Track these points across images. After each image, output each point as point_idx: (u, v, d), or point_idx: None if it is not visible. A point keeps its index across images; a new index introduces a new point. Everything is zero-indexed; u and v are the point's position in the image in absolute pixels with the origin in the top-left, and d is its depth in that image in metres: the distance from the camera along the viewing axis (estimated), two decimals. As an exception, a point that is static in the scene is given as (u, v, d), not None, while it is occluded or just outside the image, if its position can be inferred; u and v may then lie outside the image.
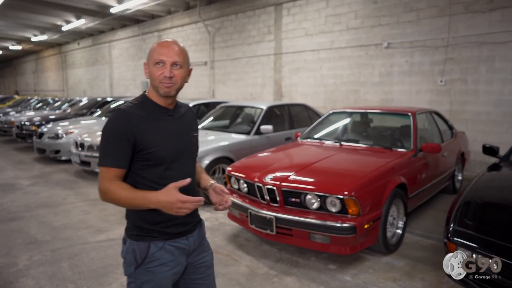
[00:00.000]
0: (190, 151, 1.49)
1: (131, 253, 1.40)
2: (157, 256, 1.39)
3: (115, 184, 1.31)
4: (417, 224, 3.97)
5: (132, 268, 1.40)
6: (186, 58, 1.41)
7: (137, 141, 1.33)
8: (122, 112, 1.35)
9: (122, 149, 1.32)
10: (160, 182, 1.36)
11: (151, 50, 1.39)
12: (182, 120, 1.49)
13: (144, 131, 1.34)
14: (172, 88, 1.38)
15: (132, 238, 1.41)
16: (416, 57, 6.81)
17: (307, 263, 3.10)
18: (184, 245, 1.46)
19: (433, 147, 3.74)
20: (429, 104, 6.65)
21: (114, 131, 1.33)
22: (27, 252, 3.35)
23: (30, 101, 15.15)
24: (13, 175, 6.51)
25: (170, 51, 1.36)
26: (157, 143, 1.36)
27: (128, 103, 1.40)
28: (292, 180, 3.08)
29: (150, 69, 1.38)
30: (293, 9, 8.78)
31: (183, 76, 1.40)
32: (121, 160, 1.33)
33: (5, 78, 31.12)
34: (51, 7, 12.01)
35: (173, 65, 1.36)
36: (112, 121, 1.35)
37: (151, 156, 1.35)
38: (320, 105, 8.29)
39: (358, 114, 4.72)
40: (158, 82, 1.36)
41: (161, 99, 1.42)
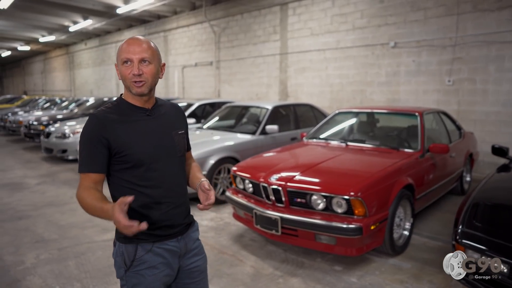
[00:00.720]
0: (172, 150, 1.43)
1: (120, 256, 1.39)
2: (145, 259, 1.36)
3: (87, 193, 1.28)
4: (425, 225, 3.93)
5: (122, 271, 1.39)
6: (155, 53, 1.36)
7: (111, 145, 1.31)
8: (94, 117, 1.33)
9: (97, 153, 1.30)
10: (141, 184, 1.35)
11: (118, 49, 1.35)
12: (162, 119, 1.44)
13: (117, 133, 1.31)
14: (144, 86, 1.33)
15: (120, 241, 1.39)
16: (423, 57, 6.74)
17: (312, 264, 3.08)
18: (175, 247, 1.43)
19: (441, 147, 3.70)
20: (436, 104, 6.58)
21: (87, 136, 1.32)
22: (34, 250, 3.38)
23: (38, 101, 15.29)
24: (21, 174, 6.58)
25: (136, 48, 1.31)
26: (132, 145, 1.32)
27: (102, 107, 1.38)
28: (298, 181, 3.06)
29: (120, 69, 1.34)
30: (299, 9, 8.75)
31: (154, 72, 1.35)
32: (97, 164, 1.31)
33: (14, 78, 31.47)
34: (59, 8, 12.11)
35: (141, 62, 1.32)
36: (85, 127, 1.34)
37: (127, 158, 1.33)
38: (326, 105, 8.25)
39: (364, 114, 4.69)
40: (129, 82, 1.33)
41: (136, 99, 1.38)
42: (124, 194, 1.28)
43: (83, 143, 1.33)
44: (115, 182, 1.38)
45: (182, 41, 12.39)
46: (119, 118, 1.34)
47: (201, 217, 4.22)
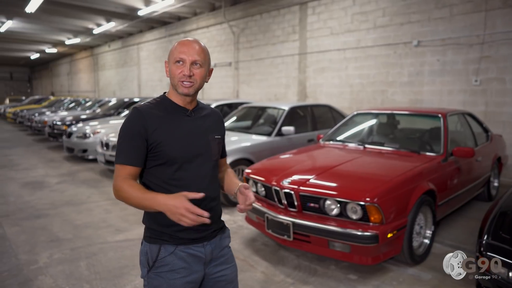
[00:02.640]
0: (207, 153, 1.42)
1: (144, 255, 1.38)
2: (167, 261, 1.34)
3: (128, 183, 1.30)
4: (448, 233, 3.72)
5: (145, 271, 1.38)
6: (207, 57, 1.38)
7: (149, 138, 1.31)
8: (136, 110, 1.34)
9: (136, 146, 1.31)
10: (171, 183, 1.34)
11: (172, 48, 1.37)
12: (201, 121, 1.43)
13: (156, 128, 1.32)
14: (191, 87, 1.35)
15: (146, 240, 1.39)
16: (448, 56, 6.45)
17: (326, 272, 2.96)
18: (200, 252, 1.38)
19: (466, 151, 3.49)
20: (462, 105, 6.28)
21: (128, 129, 1.33)
22: (48, 250, 3.41)
23: (63, 101, 15.77)
24: (43, 172, 6.75)
25: (190, 50, 1.33)
26: (168, 142, 1.33)
27: (146, 102, 1.39)
28: (311, 184, 2.95)
29: (170, 67, 1.36)
30: (318, 8, 8.59)
31: (203, 75, 1.37)
32: (135, 158, 1.32)
33: (43, 79, 32.67)
34: (83, 11, 12.43)
35: (193, 64, 1.34)
36: (127, 119, 1.36)
37: (162, 154, 1.33)
38: (346, 106, 8.05)
39: (384, 116, 4.51)
40: (177, 81, 1.34)
41: (180, 99, 1.39)
42: (153, 190, 1.33)
43: (124, 134, 1.34)
44: (147, 179, 1.39)
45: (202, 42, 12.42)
46: (160, 113, 1.35)
47: (214, 220, 4.16)
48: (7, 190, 5.53)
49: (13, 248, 3.45)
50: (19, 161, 7.91)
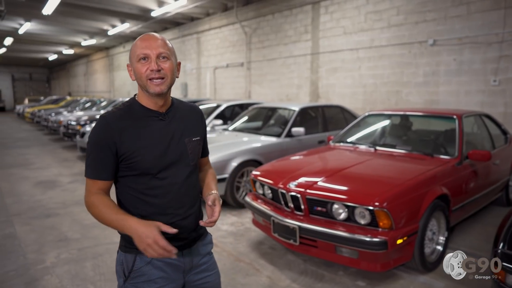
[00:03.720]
0: (183, 159, 1.33)
1: (120, 265, 1.33)
2: (143, 271, 1.28)
3: (99, 199, 1.22)
4: (462, 240, 3.58)
5: (121, 281, 1.32)
6: (172, 49, 1.28)
7: (119, 150, 1.23)
8: (103, 120, 1.24)
9: (105, 159, 1.23)
10: (147, 193, 1.26)
11: (132, 47, 1.26)
12: (177, 123, 1.33)
13: (126, 139, 1.23)
14: (163, 84, 1.24)
15: (122, 249, 1.34)
16: (465, 55, 6.25)
17: (333, 278, 2.87)
18: (178, 261, 1.32)
19: (482, 154, 3.34)
20: (480, 106, 6.07)
21: (94, 140, 1.24)
22: (56, 249, 3.43)
23: (79, 101, 16.05)
24: (56, 172, 6.85)
25: (152, 43, 1.22)
26: (142, 152, 1.24)
27: (113, 109, 1.29)
28: (318, 188, 2.87)
29: (135, 67, 1.25)
30: (331, 7, 8.46)
31: (172, 68, 1.26)
32: (104, 171, 1.24)
33: (60, 80, 33.39)
34: (98, 13, 12.61)
35: (159, 57, 1.23)
36: (93, 130, 1.26)
37: (135, 165, 1.24)
38: (359, 106, 7.90)
39: (396, 117, 4.37)
40: (146, 80, 1.23)
41: (151, 102, 1.28)
42: (129, 201, 1.29)
43: (91, 146, 1.25)
44: (121, 189, 1.32)
45: (214, 43, 12.45)
46: (130, 122, 1.25)
47: (222, 221, 4.12)
48: (20, 189, 5.62)
49: (22, 247, 3.49)
50: (34, 160, 8.06)
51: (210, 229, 3.86)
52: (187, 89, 14.01)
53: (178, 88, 14.69)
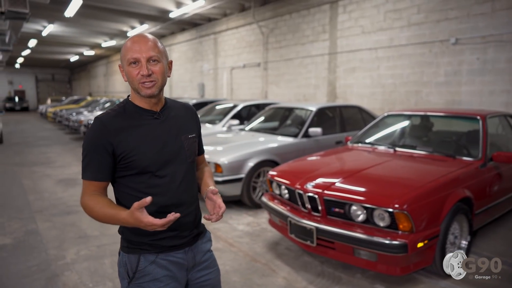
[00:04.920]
0: (181, 155, 1.33)
1: (123, 267, 1.32)
2: (148, 270, 1.28)
3: (94, 200, 1.23)
4: (486, 244, 3.46)
5: (125, 283, 1.31)
6: (162, 50, 1.27)
7: (116, 151, 1.23)
8: (99, 121, 1.25)
9: (101, 160, 1.23)
10: (146, 191, 1.26)
11: (122, 49, 1.26)
12: (172, 121, 1.34)
13: (123, 139, 1.24)
14: (154, 87, 1.25)
15: (124, 251, 1.33)
16: (489, 54, 6.05)
17: (351, 280, 2.82)
18: (181, 259, 1.33)
19: (507, 156, 3.23)
20: (505, 107, 5.87)
21: (91, 142, 1.24)
22: (76, 246, 3.51)
23: (99, 101, 16.40)
24: (76, 170, 7.01)
25: (142, 47, 1.22)
26: (139, 151, 1.24)
27: (108, 110, 1.31)
28: (336, 189, 2.83)
29: (126, 70, 1.26)
30: (350, 6, 8.35)
31: (163, 71, 1.26)
32: (100, 172, 1.24)
33: (81, 81, 34.24)
34: (118, 14, 12.87)
35: (149, 60, 1.23)
36: (89, 131, 1.26)
37: (133, 165, 1.24)
38: (377, 107, 7.77)
39: (416, 117, 4.27)
40: (138, 84, 1.24)
41: (144, 102, 1.29)
42: (129, 200, 1.24)
43: (87, 148, 1.25)
44: (119, 189, 1.33)
45: (231, 43, 12.50)
46: (125, 122, 1.27)
47: (238, 221, 4.13)
48: (43, 186, 5.78)
49: (44, 243, 3.58)
50: (56, 158, 8.28)
51: (226, 228, 3.87)
52: (204, 90, 14.10)
53: (195, 88, 14.82)
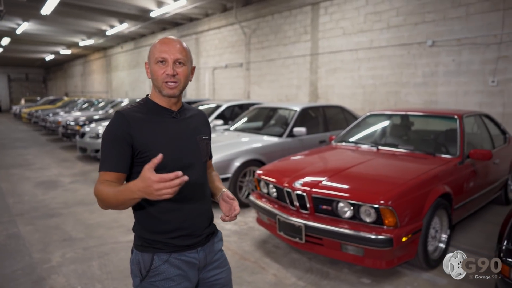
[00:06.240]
0: (196, 154, 1.37)
1: (136, 265, 1.33)
2: (161, 269, 1.29)
3: (105, 184, 1.20)
4: (463, 238, 3.63)
5: (137, 280, 1.33)
6: (189, 55, 1.33)
7: (135, 144, 1.25)
8: (119, 114, 1.27)
9: (120, 152, 1.24)
10: None
11: (152, 48, 1.31)
12: (187, 122, 1.39)
13: (142, 133, 1.26)
14: (176, 88, 1.29)
15: (138, 249, 1.34)
16: (464, 56, 6.32)
17: (338, 275, 2.91)
18: (194, 259, 1.35)
19: (483, 153, 3.40)
20: (478, 107, 6.14)
21: (111, 134, 1.26)
22: (61, 249, 3.45)
23: (77, 102, 16.01)
24: (56, 172, 6.84)
25: (171, 48, 1.27)
26: (156, 146, 1.26)
27: (128, 105, 1.33)
28: (324, 186, 2.91)
29: (152, 68, 1.30)
30: (331, 8, 8.52)
31: (186, 74, 1.31)
32: (119, 163, 1.24)
33: (57, 80, 33.26)
34: (97, 13, 12.60)
35: (176, 62, 1.28)
36: (110, 124, 1.28)
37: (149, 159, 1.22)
38: (358, 107, 7.96)
39: (398, 117, 4.42)
40: (161, 82, 1.28)
41: (164, 100, 1.33)
42: None
43: (107, 140, 1.26)
44: None
45: (213, 43, 12.48)
46: (145, 117, 1.29)
47: (225, 221, 4.15)
48: (22, 189, 5.62)
49: (27, 246, 3.49)
50: (34, 160, 8.04)
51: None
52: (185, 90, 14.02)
53: (176, 88, 14.70)
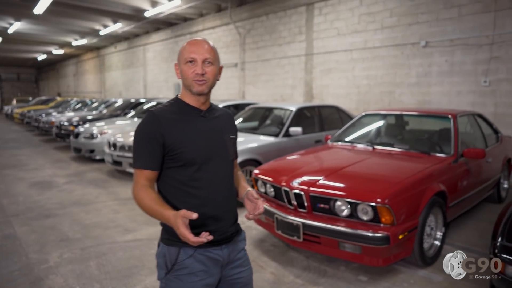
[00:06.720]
0: (223, 153, 1.43)
1: (162, 258, 1.38)
2: (186, 264, 1.34)
3: (144, 192, 1.31)
4: (458, 235, 3.69)
5: (163, 273, 1.38)
6: (217, 55, 1.40)
7: (166, 142, 1.32)
8: (152, 114, 1.35)
9: (152, 150, 1.32)
10: (189, 184, 1.35)
11: (181, 49, 1.38)
12: (215, 121, 1.44)
13: (172, 131, 1.33)
14: (205, 85, 1.36)
15: (164, 242, 1.39)
16: (457, 56, 6.41)
17: (336, 273, 2.94)
18: (218, 256, 1.38)
19: (476, 152, 3.46)
20: (471, 106, 6.23)
21: (143, 133, 1.34)
22: (58, 249, 3.43)
23: (70, 102, 15.87)
24: (50, 173, 6.79)
25: (200, 49, 1.35)
26: (186, 144, 1.33)
27: (160, 105, 1.40)
28: (321, 185, 2.94)
29: (182, 68, 1.37)
30: (325, 9, 8.57)
31: (215, 73, 1.39)
32: (151, 162, 1.33)
33: (49, 80, 32.94)
34: (90, 13, 12.51)
35: (204, 62, 1.35)
36: (142, 123, 1.36)
37: (180, 156, 1.33)
38: (353, 107, 8.02)
39: (392, 116, 4.48)
40: (191, 81, 1.35)
41: (193, 100, 1.40)
42: (172, 193, 1.36)
43: (140, 139, 1.34)
44: (164, 181, 1.38)
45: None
46: (175, 116, 1.36)
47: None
48: (16, 190, 5.57)
49: (24, 247, 3.47)
50: (27, 161, 7.97)
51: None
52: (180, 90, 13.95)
53: (171, 88, 14.67)
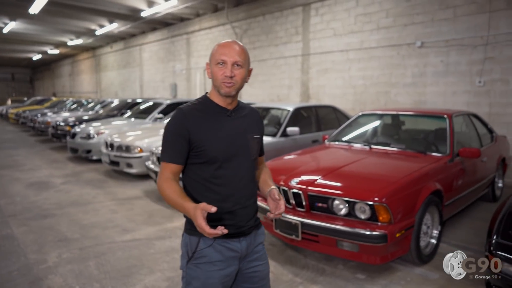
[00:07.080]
0: (245, 152, 1.47)
1: (184, 247, 1.45)
2: (205, 252, 1.40)
3: (168, 184, 1.38)
4: (453, 234, 3.74)
5: (185, 262, 1.44)
6: (247, 58, 1.44)
7: (191, 139, 1.38)
8: (180, 111, 1.42)
9: (178, 145, 1.39)
10: (211, 181, 1.40)
11: (213, 51, 1.42)
12: (241, 121, 1.49)
13: (198, 128, 1.38)
14: (232, 87, 1.40)
15: (187, 232, 1.45)
16: (452, 57, 6.48)
17: (334, 271, 2.97)
18: (236, 247, 1.43)
19: (472, 151, 3.51)
20: (466, 106, 6.30)
21: (172, 129, 1.41)
22: (56, 249, 3.43)
23: (65, 102, 15.80)
24: (47, 173, 6.77)
25: (231, 51, 1.38)
26: (210, 141, 1.39)
27: (188, 103, 1.46)
28: (319, 184, 2.97)
29: (212, 69, 1.41)
30: (322, 9, 8.62)
31: (244, 75, 1.42)
32: (177, 156, 1.40)
33: (44, 80, 32.75)
34: (86, 12, 12.47)
35: (234, 64, 1.39)
36: (171, 119, 1.43)
37: (203, 154, 1.39)
38: (349, 107, 8.07)
39: (389, 116, 4.52)
40: (220, 82, 1.39)
41: (221, 99, 1.45)
42: (194, 187, 1.44)
43: (169, 133, 1.41)
44: (188, 175, 1.45)
45: (204, 43, 12.48)
46: (202, 114, 1.42)
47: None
48: (13, 190, 5.55)
49: (22, 247, 3.47)
50: (24, 161, 7.93)
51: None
52: (176, 90, 13.97)
53: (167, 88, 14.64)
